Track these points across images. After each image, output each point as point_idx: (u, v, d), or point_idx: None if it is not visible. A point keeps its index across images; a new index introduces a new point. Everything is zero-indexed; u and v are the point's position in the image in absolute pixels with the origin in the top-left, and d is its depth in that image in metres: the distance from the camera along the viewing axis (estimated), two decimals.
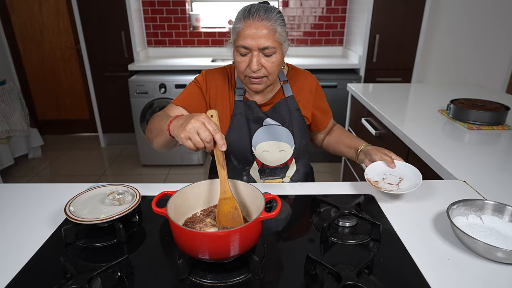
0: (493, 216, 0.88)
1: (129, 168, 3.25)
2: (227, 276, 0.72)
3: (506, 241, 0.80)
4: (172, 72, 3.17)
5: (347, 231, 0.87)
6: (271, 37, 1.00)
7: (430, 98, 2.03)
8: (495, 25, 3.38)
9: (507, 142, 1.41)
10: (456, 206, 0.89)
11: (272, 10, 1.02)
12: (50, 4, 3.48)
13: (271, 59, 1.04)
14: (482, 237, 0.81)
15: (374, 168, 1.08)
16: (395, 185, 1.02)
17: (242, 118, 1.17)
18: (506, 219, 0.86)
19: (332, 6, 3.52)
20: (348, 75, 3.12)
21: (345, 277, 0.66)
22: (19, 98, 3.26)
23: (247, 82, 1.09)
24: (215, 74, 1.20)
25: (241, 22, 1.02)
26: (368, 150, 1.13)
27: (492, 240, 0.80)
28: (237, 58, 1.06)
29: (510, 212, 0.87)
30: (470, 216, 0.89)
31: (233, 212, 0.80)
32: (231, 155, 1.21)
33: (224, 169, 0.80)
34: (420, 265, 0.75)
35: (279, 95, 1.20)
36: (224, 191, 0.81)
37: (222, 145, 0.77)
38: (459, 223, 0.87)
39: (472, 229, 0.85)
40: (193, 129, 0.77)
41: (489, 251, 0.75)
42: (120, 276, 0.71)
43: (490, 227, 0.86)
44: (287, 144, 1.19)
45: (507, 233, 0.83)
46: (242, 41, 1.01)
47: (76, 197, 0.91)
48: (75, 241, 0.83)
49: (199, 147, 0.79)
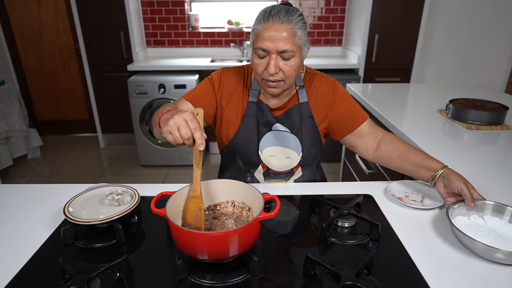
0: (494, 216, 0.88)
1: (128, 168, 3.25)
2: (226, 276, 0.72)
3: (505, 241, 0.80)
4: (171, 72, 3.17)
5: (346, 231, 0.88)
6: (290, 40, 0.97)
7: (429, 98, 2.03)
8: (494, 24, 3.38)
9: (506, 142, 1.41)
10: (458, 206, 0.89)
11: (294, 13, 0.98)
12: (49, 4, 3.48)
13: (290, 63, 1.01)
14: (480, 237, 0.81)
15: (397, 186, 1.08)
16: (419, 201, 1.01)
17: (252, 120, 1.15)
18: (506, 220, 0.86)
19: (331, 6, 3.52)
20: (347, 75, 3.13)
21: (344, 277, 0.66)
22: (18, 98, 3.26)
23: (264, 85, 1.07)
24: (230, 73, 1.18)
25: (261, 23, 0.99)
26: (447, 175, 0.97)
27: (490, 241, 0.80)
28: (255, 60, 1.03)
29: (510, 213, 0.87)
30: (472, 216, 0.89)
31: (197, 212, 0.80)
32: (237, 156, 1.20)
33: (199, 168, 0.80)
34: (419, 265, 0.75)
35: (293, 100, 1.17)
36: (194, 190, 0.81)
37: (200, 144, 0.77)
38: (460, 223, 0.87)
39: (471, 229, 0.85)
40: (175, 124, 0.78)
41: (487, 251, 0.75)
42: (119, 277, 0.71)
43: (491, 227, 0.86)
44: (294, 151, 1.17)
45: (507, 234, 0.83)
46: (260, 43, 0.99)
47: (75, 198, 0.91)
48: (74, 242, 0.83)
49: (178, 143, 0.79)
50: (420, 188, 1.07)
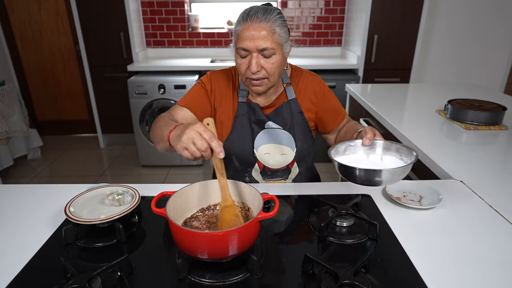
0: (390, 156, 0.93)
1: (128, 168, 3.26)
2: (226, 275, 0.72)
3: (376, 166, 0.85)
4: (171, 72, 3.18)
5: (344, 230, 0.88)
6: (270, 38, 1.00)
7: (428, 98, 2.04)
8: (494, 25, 3.39)
9: (504, 142, 1.42)
10: (354, 144, 0.96)
11: (272, 11, 1.02)
12: (49, 5, 3.48)
13: (271, 61, 1.04)
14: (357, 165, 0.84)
15: (395, 185, 1.09)
16: (416, 201, 1.01)
17: (244, 120, 1.18)
18: (399, 158, 0.92)
19: (330, 6, 3.53)
20: (347, 75, 3.13)
21: (342, 276, 0.66)
22: (18, 99, 3.26)
23: (248, 84, 1.10)
24: (219, 75, 1.21)
25: (241, 24, 1.02)
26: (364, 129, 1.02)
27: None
28: (238, 60, 1.07)
29: (399, 150, 0.92)
30: (371, 155, 0.95)
31: (235, 220, 0.80)
32: (232, 156, 1.22)
33: (224, 177, 0.80)
34: (416, 264, 0.76)
35: (282, 97, 1.20)
36: (225, 199, 0.81)
37: (220, 152, 0.76)
38: (354, 159, 0.93)
39: (356, 162, 0.90)
40: (188, 139, 0.77)
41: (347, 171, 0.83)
42: (120, 276, 0.72)
43: (373, 161, 0.92)
44: (288, 147, 1.20)
45: (388, 164, 0.90)
46: (241, 43, 1.02)
47: (76, 198, 0.92)
48: (75, 242, 0.84)
49: (196, 157, 0.78)
50: (418, 188, 1.08)
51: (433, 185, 1.06)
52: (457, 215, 0.95)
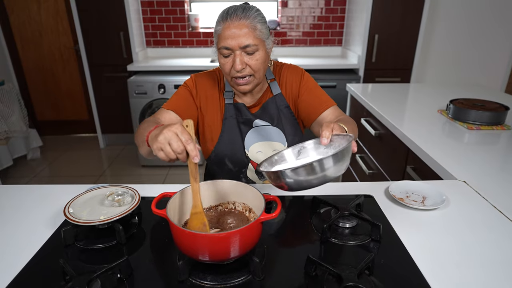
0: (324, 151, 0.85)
1: (128, 168, 3.25)
2: (227, 277, 0.71)
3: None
4: (171, 72, 3.17)
5: (347, 232, 0.87)
6: (251, 34, 1.00)
7: (430, 98, 2.03)
8: (494, 24, 3.38)
9: (507, 142, 1.41)
10: (310, 144, 0.87)
11: (250, 9, 1.02)
12: (49, 4, 3.48)
13: (255, 57, 1.03)
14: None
15: (398, 186, 1.07)
16: (419, 202, 1.00)
17: (233, 121, 1.18)
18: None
19: (331, 6, 3.52)
20: (347, 75, 3.12)
21: (346, 278, 0.66)
22: (17, 98, 3.25)
23: (234, 83, 1.09)
24: (204, 78, 1.20)
25: (221, 24, 1.02)
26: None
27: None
28: (221, 60, 1.06)
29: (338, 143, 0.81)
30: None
31: (201, 228, 0.77)
32: (225, 159, 1.21)
33: (197, 182, 0.77)
34: (420, 266, 0.75)
35: (267, 94, 1.19)
36: (195, 205, 0.78)
37: (194, 156, 0.72)
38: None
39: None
40: (165, 139, 0.73)
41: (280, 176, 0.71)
42: (119, 278, 0.71)
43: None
44: (279, 143, 1.19)
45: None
46: (223, 42, 1.02)
47: (76, 199, 0.91)
48: (75, 243, 0.83)
49: (171, 158, 0.75)
50: (421, 188, 1.07)
51: (436, 185, 1.05)
52: (461, 215, 0.94)
